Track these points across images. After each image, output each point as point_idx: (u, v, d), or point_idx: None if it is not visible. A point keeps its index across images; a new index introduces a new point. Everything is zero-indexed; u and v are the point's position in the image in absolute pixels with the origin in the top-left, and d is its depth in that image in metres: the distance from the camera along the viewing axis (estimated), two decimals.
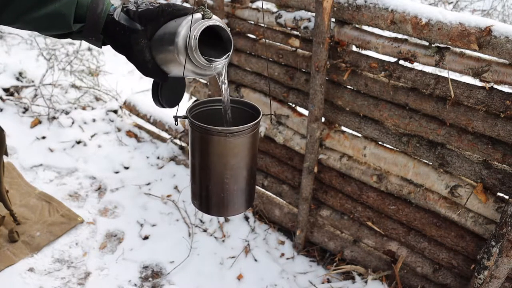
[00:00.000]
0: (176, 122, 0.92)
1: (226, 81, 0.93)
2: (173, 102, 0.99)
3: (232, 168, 0.94)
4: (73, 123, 3.45)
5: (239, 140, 0.91)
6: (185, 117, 0.93)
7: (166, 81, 0.94)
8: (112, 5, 0.92)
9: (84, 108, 3.68)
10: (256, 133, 0.94)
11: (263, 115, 0.96)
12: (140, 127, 3.49)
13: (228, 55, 0.90)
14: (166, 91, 0.97)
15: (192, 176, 0.99)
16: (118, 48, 0.92)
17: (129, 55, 0.91)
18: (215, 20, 0.88)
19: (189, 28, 0.84)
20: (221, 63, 0.89)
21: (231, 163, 0.93)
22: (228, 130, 0.88)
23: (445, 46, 1.60)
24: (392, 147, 1.96)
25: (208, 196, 0.98)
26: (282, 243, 2.48)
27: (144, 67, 0.90)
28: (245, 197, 1.00)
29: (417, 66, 1.84)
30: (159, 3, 0.92)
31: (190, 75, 0.91)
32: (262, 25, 2.25)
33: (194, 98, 3.02)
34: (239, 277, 2.26)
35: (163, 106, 0.97)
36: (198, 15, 0.86)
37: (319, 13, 1.79)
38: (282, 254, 2.42)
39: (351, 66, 1.92)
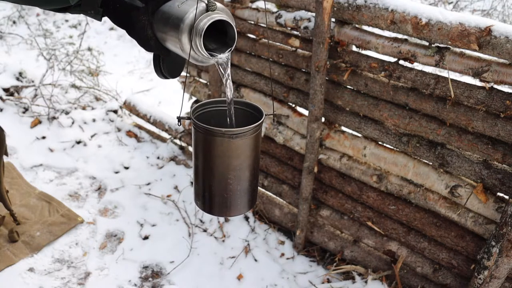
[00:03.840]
0: (179, 123, 0.92)
1: (229, 76, 0.93)
2: (175, 72, 0.99)
3: (235, 169, 0.94)
4: (73, 123, 3.45)
5: (243, 141, 0.91)
6: (188, 118, 0.93)
7: (168, 56, 0.93)
8: None
9: (84, 108, 3.68)
10: (259, 134, 0.94)
11: (266, 115, 0.96)
12: (140, 127, 3.49)
13: (231, 49, 0.90)
14: (168, 63, 0.97)
15: (195, 176, 0.99)
16: (118, 23, 0.91)
17: (130, 31, 0.90)
18: (222, 13, 0.87)
19: (193, 18, 0.84)
20: (222, 57, 0.89)
21: (234, 164, 0.93)
22: (232, 131, 0.88)
23: (445, 46, 1.60)
24: (392, 147, 1.96)
25: (212, 196, 0.98)
26: (282, 243, 2.48)
27: (146, 44, 0.90)
28: (248, 198, 1.00)
29: (417, 66, 1.84)
30: None
31: (191, 61, 0.90)
32: (262, 25, 2.25)
33: (194, 98, 3.02)
34: (239, 277, 2.26)
35: (165, 77, 0.97)
36: (201, 4, 0.85)
37: (319, 13, 1.79)
38: (282, 254, 2.42)
39: (351, 66, 1.92)
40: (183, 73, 3.07)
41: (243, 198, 0.99)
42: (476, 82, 1.64)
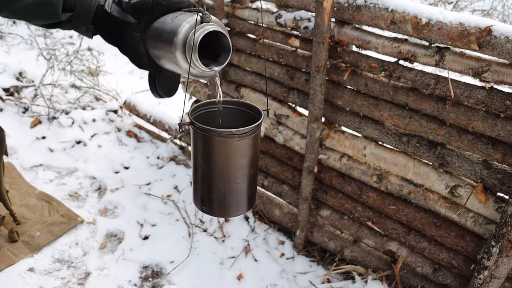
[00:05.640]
0: (180, 129, 0.92)
1: (220, 86, 0.93)
2: (170, 91, 0.99)
3: (242, 168, 0.94)
4: (73, 123, 3.45)
5: (248, 139, 0.91)
6: (189, 123, 0.93)
7: (160, 74, 0.92)
8: None
9: (84, 108, 3.68)
10: (259, 132, 0.95)
11: (263, 110, 0.97)
12: (140, 127, 3.49)
13: (226, 61, 0.89)
14: (163, 81, 0.97)
15: (197, 178, 0.98)
16: (110, 40, 0.90)
17: (122, 48, 0.89)
18: (216, 25, 0.87)
19: (188, 30, 0.84)
20: (218, 69, 0.89)
21: (240, 164, 0.93)
22: (240, 131, 0.88)
23: (445, 46, 1.60)
24: (392, 147, 1.96)
25: (213, 197, 0.98)
26: (282, 243, 2.48)
27: (138, 61, 0.89)
28: (248, 197, 1.00)
29: (417, 66, 1.84)
30: None
31: (185, 75, 0.90)
32: (262, 25, 2.25)
33: (194, 98, 3.02)
34: (239, 277, 2.26)
35: (161, 96, 0.97)
36: (195, 16, 0.85)
37: (319, 13, 1.79)
38: (282, 254, 2.42)
39: (351, 66, 1.92)
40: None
41: (244, 198, 0.99)
42: (476, 82, 1.64)
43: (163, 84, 0.97)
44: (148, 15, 0.87)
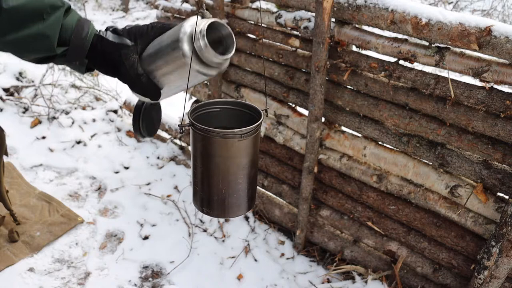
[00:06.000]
0: (181, 130, 0.92)
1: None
2: (151, 130, 1.00)
3: (244, 168, 0.94)
4: (73, 123, 3.45)
5: (248, 140, 0.91)
6: (190, 125, 0.92)
7: (158, 98, 0.92)
8: (97, 30, 0.89)
9: (84, 108, 3.68)
10: (259, 132, 0.95)
11: (262, 110, 0.97)
12: None
13: (233, 51, 0.90)
14: (147, 119, 0.97)
15: (197, 179, 0.98)
16: (107, 67, 0.89)
17: (120, 73, 0.88)
18: (216, 19, 0.88)
19: (192, 24, 0.84)
20: (230, 56, 0.89)
21: (242, 163, 0.93)
22: (242, 131, 0.89)
23: (445, 46, 1.60)
24: (392, 147, 1.96)
25: (213, 198, 0.98)
26: (282, 243, 2.48)
27: (137, 82, 0.88)
28: (248, 197, 1.00)
29: (417, 66, 1.84)
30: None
31: (193, 77, 0.90)
32: (263, 25, 2.25)
33: (194, 98, 3.02)
34: (239, 277, 2.26)
35: (142, 135, 0.97)
36: (195, 18, 0.86)
37: (319, 13, 1.79)
38: (282, 254, 2.42)
39: (351, 66, 1.92)
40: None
41: (245, 198, 0.99)
42: (476, 82, 1.64)
43: (146, 121, 0.97)
44: (145, 37, 0.88)
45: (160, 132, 3.42)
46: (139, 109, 0.99)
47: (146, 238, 2.49)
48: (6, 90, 3.65)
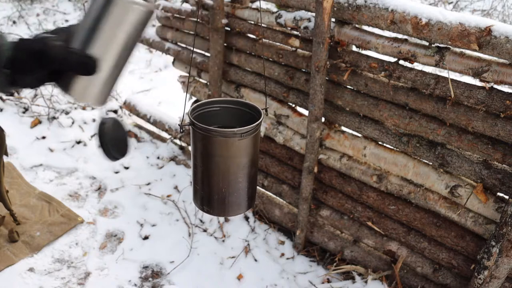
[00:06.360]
0: (181, 130, 0.92)
1: None
2: (123, 150, 0.97)
3: (244, 167, 0.94)
4: (73, 123, 3.45)
5: (248, 139, 0.91)
6: (190, 123, 0.92)
7: (96, 64, 0.78)
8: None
9: (84, 108, 3.68)
10: (259, 131, 0.95)
11: (262, 109, 0.97)
12: (140, 127, 3.49)
13: None
14: (112, 140, 0.94)
15: (197, 178, 0.98)
16: (32, 65, 0.75)
17: (48, 61, 0.75)
18: None
19: None
20: None
21: (242, 163, 0.93)
22: (242, 130, 0.89)
23: (445, 46, 1.60)
24: (392, 147, 1.96)
25: (213, 197, 0.98)
26: (282, 243, 2.48)
27: (69, 56, 0.75)
28: (249, 196, 1.00)
29: (417, 66, 1.84)
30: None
31: (123, 21, 0.78)
32: (263, 25, 2.25)
33: (194, 98, 3.02)
34: (239, 277, 2.26)
35: (115, 158, 0.95)
36: None
37: (319, 13, 1.79)
38: (282, 254, 2.42)
39: (351, 66, 1.92)
40: (185, 74, 3.07)
41: (245, 197, 0.99)
42: (476, 82, 1.64)
43: (113, 145, 0.94)
44: (63, 31, 0.81)
45: (160, 132, 3.42)
46: (102, 133, 0.95)
47: (146, 238, 2.49)
48: None
